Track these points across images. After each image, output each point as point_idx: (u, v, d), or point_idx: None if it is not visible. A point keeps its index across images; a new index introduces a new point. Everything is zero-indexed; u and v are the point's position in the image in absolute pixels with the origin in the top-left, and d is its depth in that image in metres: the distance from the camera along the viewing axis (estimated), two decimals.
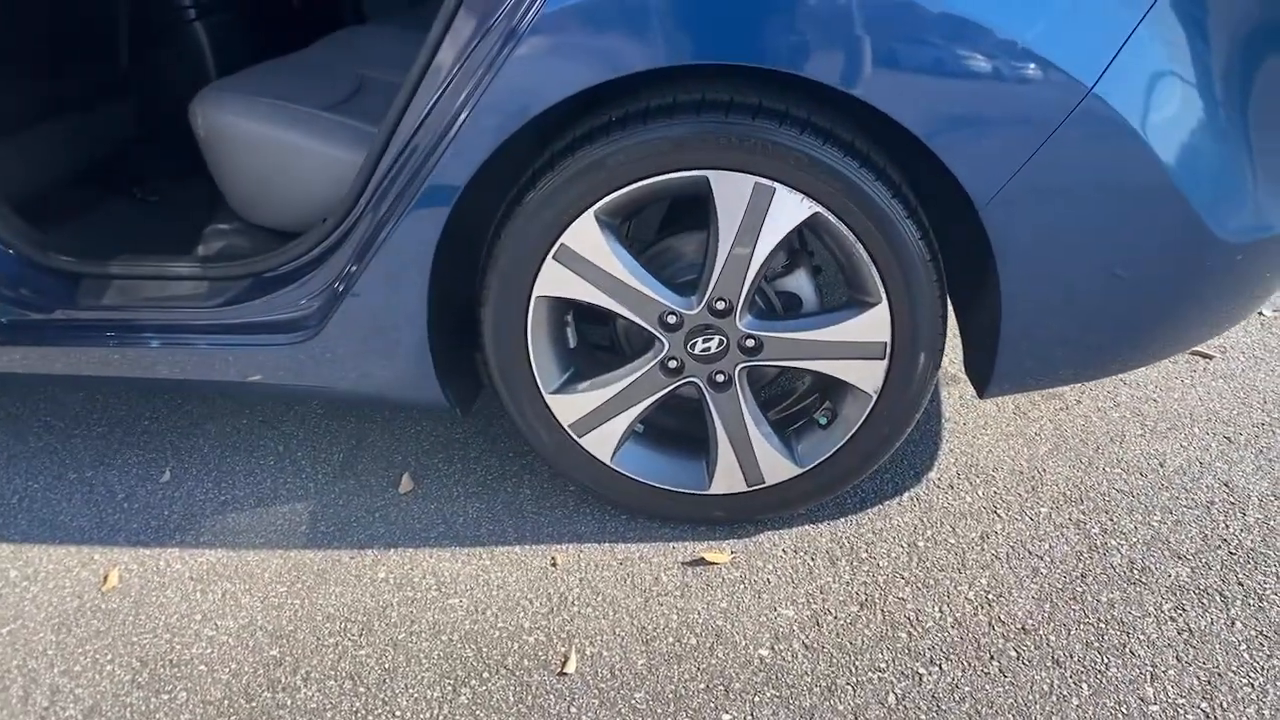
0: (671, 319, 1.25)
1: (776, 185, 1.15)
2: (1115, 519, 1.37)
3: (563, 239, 1.21)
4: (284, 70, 1.72)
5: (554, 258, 1.23)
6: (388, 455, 1.62)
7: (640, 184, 1.17)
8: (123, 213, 1.73)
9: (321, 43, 1.90)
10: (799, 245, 1.35)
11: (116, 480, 1.60)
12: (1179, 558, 1.29)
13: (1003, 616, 1.22)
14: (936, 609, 1.24)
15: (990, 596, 1.26)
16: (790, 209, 1.16)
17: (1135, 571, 1.28)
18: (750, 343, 1.26)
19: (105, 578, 1.38)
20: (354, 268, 1.29)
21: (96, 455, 1.67)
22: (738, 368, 1.29)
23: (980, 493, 1.44)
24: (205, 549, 1.43)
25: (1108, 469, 1.47)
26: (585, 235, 1.21)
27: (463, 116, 1.16)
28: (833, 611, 1.25)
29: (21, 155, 1.57)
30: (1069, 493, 1.43)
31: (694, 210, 1.29)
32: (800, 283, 1.31)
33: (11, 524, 1.51)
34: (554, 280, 1.24)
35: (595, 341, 1.46)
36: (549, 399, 1.33)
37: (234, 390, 1.42)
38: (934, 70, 1.05)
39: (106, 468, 1.64)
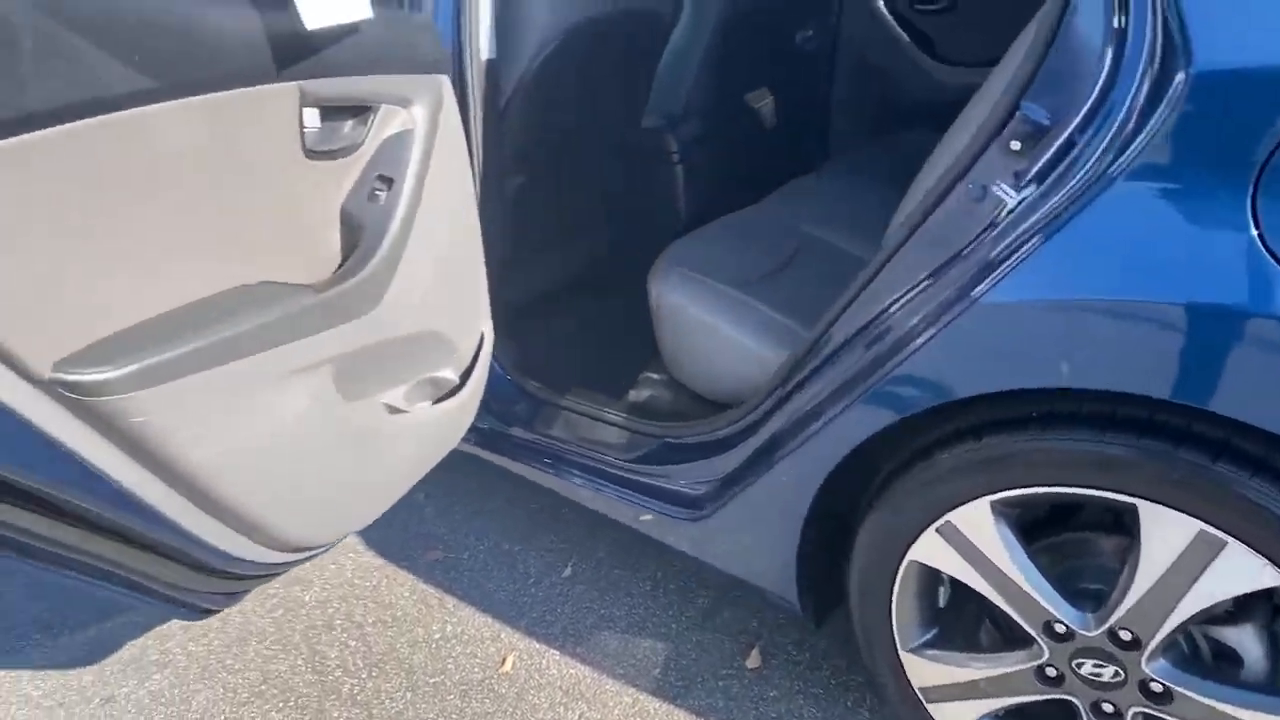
0: (1060, 629, 1.11)
1: (1229, 540, 0.95)
2: None
3: (950, 515, 1.14)
4: (733, 230, 1.85)
5: (937, 529, 1.16)
6: (746, 618, 1.69)
7: (1052, 490, 1.05)
8: (581, 338, 2.02)
9: (773, 198, 2.01)
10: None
11: (532, 562, 1.91)
12: None
13: None
14: None
15: None
16: (1245, 572, 0.95)
17: None
18: (1157, 688, 1.07)
19: (504, 660, 1.67)
20: (749, 464, 1.37)
21: (525, 531, 2.00)
22: (1132, 710, 1.09)
23: None
24: (578, 662, 1.64)
25: None
26: (975, 519, 1.12)
27: (889, 367, 1.12)
28: None
29: (519, 280, 1.92)
30: None
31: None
32: (1246, 639, 1.06)
33: (464, 575, 1.89)
34: (932, 550, 1.18)
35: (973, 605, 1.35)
36: (904, 655, 1.27)
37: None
38: None
39: (528, 546, 1.96)
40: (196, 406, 0.94)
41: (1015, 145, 1.00)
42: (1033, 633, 1.13)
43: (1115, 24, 0.92)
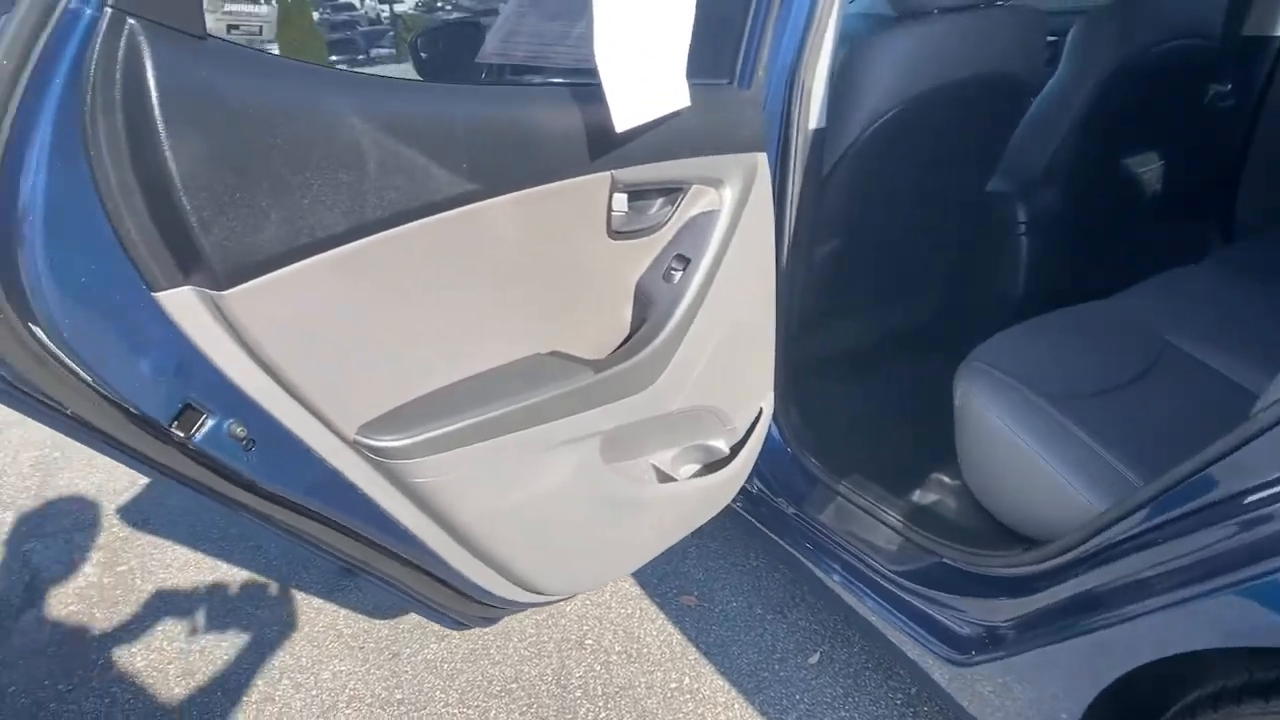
0: None
1: None
2: None
3: None
4: (1073, 326, 1.61)
5: None
6: None
7: None
8: (872, 418, 1.88)
9: (1135, 291, 1.71)
10: None
11: (782, 636, 1.85)
12: None
13: None
14: None
15: None
16: None
17: None
18: None
19: None
20: (1036, 622, 1.19)
21: (780, 600, 1.94)
22: None
23: None
24: None
25: None
26: None
27: (1264, 568, 0.87)
28: None
29: (818, 343, 1.83)
30: None
31: None
32: None
33: (712, 630, 1.89)
34: None
35: None
36: None
37: None
38: None
39: (780, 618, 1.89)
40: (472, 471, 1.03)
41: None
42: None
43: None
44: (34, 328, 0.70)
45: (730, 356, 1.33)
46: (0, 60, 0.63)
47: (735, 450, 1.44)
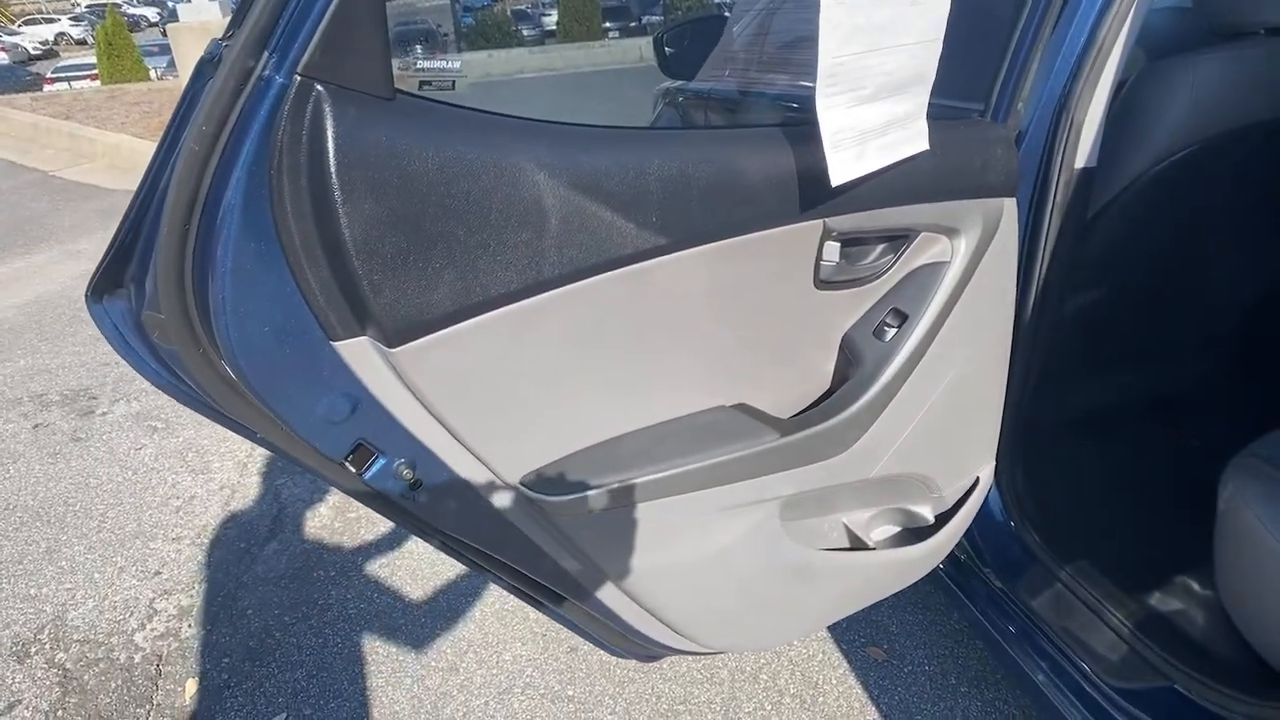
0: None
1: None
2: None
3: None
4: None
5: None
6: None
7: None
8: (1111, 497, 1.63)
9: None
10: None
11: (974, 713, 1.68)
12: None
13: None
14: None
15: None
16: None
17: None
18: None
19: None
20: None
21: (976, 672, 1.76)
22: None
23: None
24: None
25: None
26: None
27: None
28: None
29: (1059, 401, 1.62)
30: None
31: None
32: None
33: (898, 690, 1.76)
34: None
35: None
36: None
37: None
38: None
39: (974, 690, 1.72)
40: (636, 528, 0.99)
41: None
42: None
43: None
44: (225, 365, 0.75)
45: (946, 422, 1.20)
46: (201, 125, 0.68)
47: (942, 520, 1.31)
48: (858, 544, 1.27)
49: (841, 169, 0.88)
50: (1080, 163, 1.26)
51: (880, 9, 0.85)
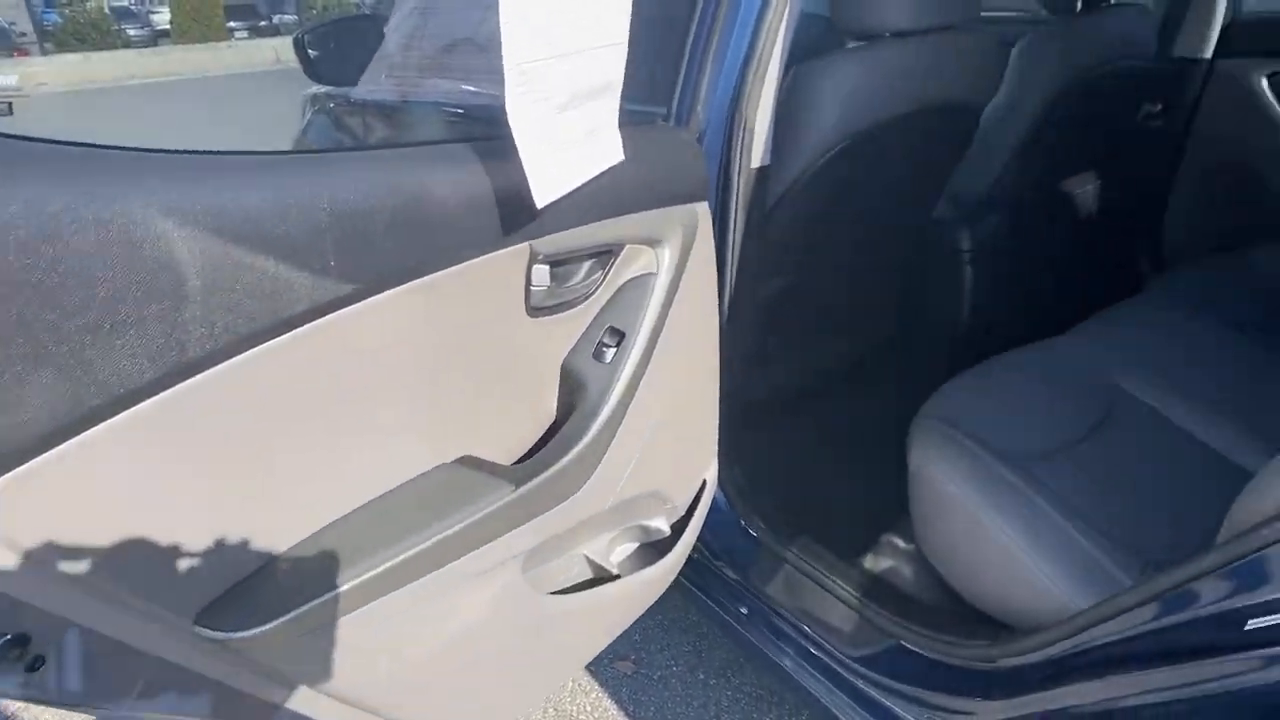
0: None
1: None
2: None
3: None
4: (1023, 373, 1.51)
5: None
6: None
7: None
8: (821, 467, 1.75)
9: (1080, 332, 1.62)
10: None
11: (728, 705, 1.71)
12: None
13: None
14: None
15: None
16: None
17: None
18: None
19: None
20: None
21: (725, 663, 1.81)
22: None
23: None
24: None
25: None
26: None
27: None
28: None
29: (763, 379, 1.69)
30: None
31: None
32: None
33: (651, 699, 1.74)
34: None
35: None
36: None
37: None
38: None
39: (724, 682, 1.76)
40: (350, 644, 0.82)
41: None
42: None
43: None
44: None
45: (672, 432, 1.17)
46: None
47: (678, 529, 1.29)
48: (600, 573, 1.20)
49: (546, 189, 0.78)
50: (755, 162, 1.30)
51: (562, 7, 0.76)
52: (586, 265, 1.01)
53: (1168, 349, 1.59)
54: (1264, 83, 2.02)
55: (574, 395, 1.02)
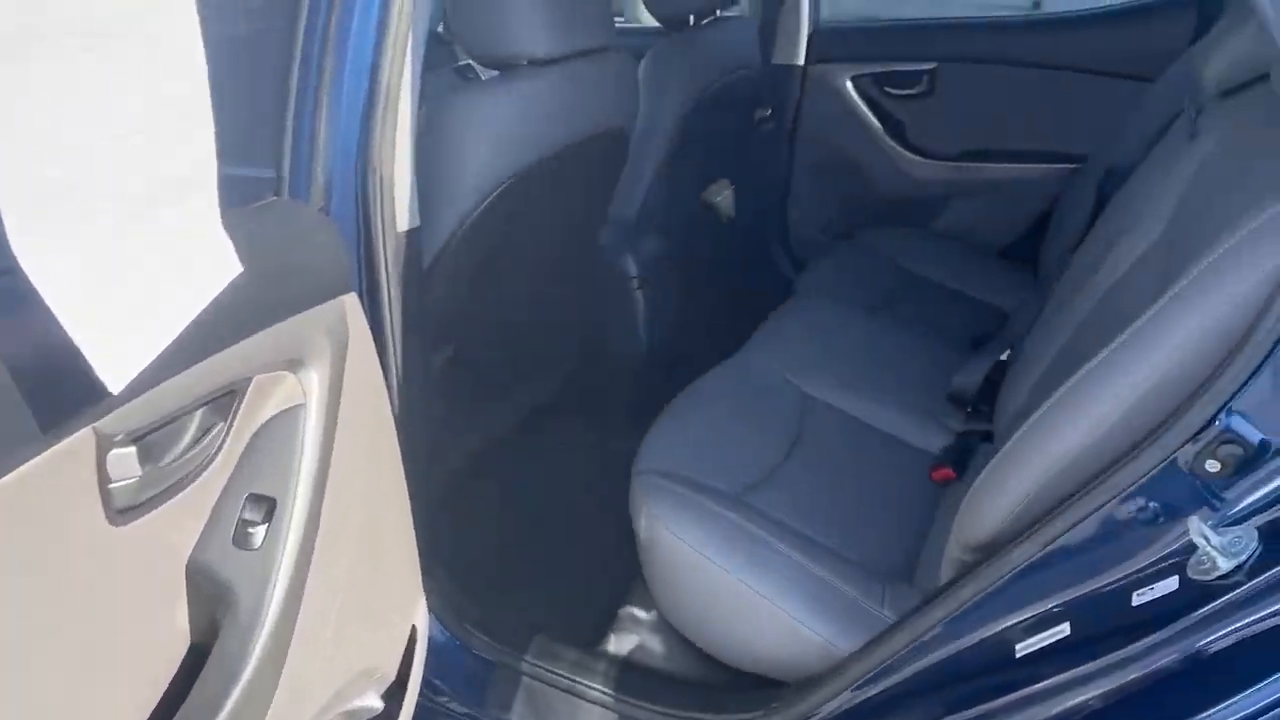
0: None
1: None
2: None
3: None
4: (717, 401, 1.45)
5: None
6: None
7: None
8: (541, 542, 1.56)
9: (756, 345, 1.63)
10: None
11: None
12: None
13: None
14: None
15: None
16: None
17: None
18: None
19: None
20: None
21: None
22: None
23: None
24: None
25: None
26: None
27: None
28: None
29: (453, 447, 1.46)
30: None
31: None
32: None
33: None
34: None
35: None
36: None
37: None
38: None
39: None
40: None
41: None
42: None
43: None
44: None
45: (365, 598, 0.90)
46: None
47: (395, 692, 1.02)
48: None
49: (118, 365, 0.48)
50: (403, 225, 1.06)
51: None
52: (196, 421, 0.69)
53: (826, 345, 1.66)
54: (849, 84, 2.21)
55: (216, 607, 0.71)
